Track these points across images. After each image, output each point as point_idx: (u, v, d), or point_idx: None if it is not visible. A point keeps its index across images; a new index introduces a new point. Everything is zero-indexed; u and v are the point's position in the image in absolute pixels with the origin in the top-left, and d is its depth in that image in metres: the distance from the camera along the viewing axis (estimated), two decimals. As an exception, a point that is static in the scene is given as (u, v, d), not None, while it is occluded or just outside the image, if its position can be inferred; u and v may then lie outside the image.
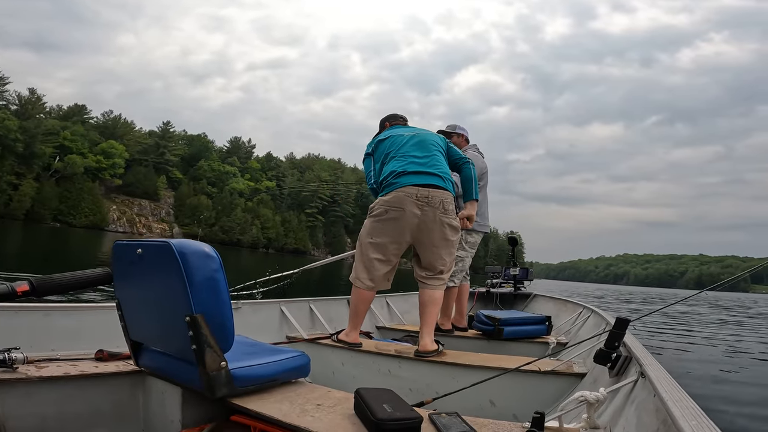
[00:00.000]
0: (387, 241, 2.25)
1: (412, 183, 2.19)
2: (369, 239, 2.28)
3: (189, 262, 1.17)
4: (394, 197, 2.19)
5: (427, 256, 2.27)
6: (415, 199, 2.16)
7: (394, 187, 2.20)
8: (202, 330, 1.17)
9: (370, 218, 2.28)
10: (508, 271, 5.08)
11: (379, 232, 2.25)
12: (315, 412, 1.23)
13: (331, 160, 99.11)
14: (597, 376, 1.60)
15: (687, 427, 0.73)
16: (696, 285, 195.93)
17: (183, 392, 1.33)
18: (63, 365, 1.44)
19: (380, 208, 2.23)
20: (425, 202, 2.17)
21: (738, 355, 5.47)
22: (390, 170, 2.27)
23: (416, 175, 2.21)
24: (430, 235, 2.22)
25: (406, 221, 2.19)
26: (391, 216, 2.20)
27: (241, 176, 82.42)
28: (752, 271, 2.17)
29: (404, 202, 2.17)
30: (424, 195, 2.17)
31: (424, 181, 2.20)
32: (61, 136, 59.61)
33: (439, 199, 2.19)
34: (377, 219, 2.24)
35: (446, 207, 2.21)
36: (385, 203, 2.21)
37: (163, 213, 71.96)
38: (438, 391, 1.72)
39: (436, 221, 2.19)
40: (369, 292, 2.32)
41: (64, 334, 1.69)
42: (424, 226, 2.20)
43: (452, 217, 2.24)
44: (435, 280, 2.27)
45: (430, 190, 2.19)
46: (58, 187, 58.19)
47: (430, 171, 2.23)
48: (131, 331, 1.44)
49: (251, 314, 2.50)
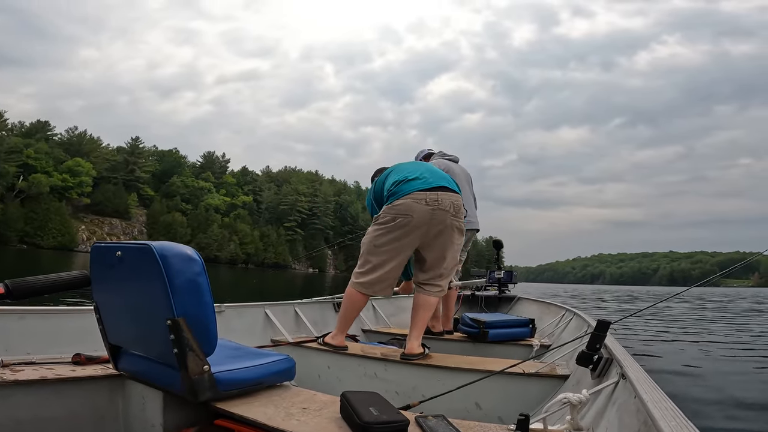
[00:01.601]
0: (392, 248, 2.17)
1: (420, 188, 2.13)
2: (373, 245, 2.20)
3: (170, 264, 1.15)
4: (402, 204, 2.11)
5: (431, 258, 2.22)
6: (425, 204, 2.10)
7: (400, 194, 2.14)
8: (184, 333, 1.16)
9: (376, 225, 2.20)
10: (493, 274, 5.14)
11: (385, 239, 2.16)
12: (301, 416, 1.21)
13: (309, 173, 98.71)
14: (579, 377, 1.62)
15: (666, 427, 0.75)
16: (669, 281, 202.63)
17: (164, 396, 1.30)
18: (39, 369, 1.40)
19: (387, 215, 2.15)
20: (436, 206, 2.10)
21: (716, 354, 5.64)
22: (393, 180, 2.21)
23: (423, 180, 2.16)
24: (439, 237, 2.16)
25: (415, 227, 2.11)
26: (399, 223, 2.12)
27: (216, 192, 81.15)
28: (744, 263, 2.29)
29: (413, 209, 2.10)
30: (433, 198, 2.11)
31: (433, 184, 2.15)
32: (24, 154, 57.56)
33: (449, 201, 2.14)
34: (383, 226, 2.16)
35: (457, 210, 2.16)
36: (393, 209, 2.13)
37: (135, 231, 69.98)
38: (424, 394, 1.72)
39: (446, 224, 2.14)
40: (364, 297, 2.26)
41: (40, 338, 1.64)
42: (434, 230, 2.14)
43: (461, 220, 2.20)
44: (433, 286, 2.24)
45: (440, 193, 2.13)
46: (23, 207, 55.98)
47: (438, 176, 2.21)
48: (110, 334, 1.41)
49: (235, 317, 2.46)
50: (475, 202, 3.42)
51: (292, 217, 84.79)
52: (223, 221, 75.41)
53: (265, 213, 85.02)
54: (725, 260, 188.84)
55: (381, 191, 2.31)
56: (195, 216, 72.59)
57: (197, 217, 72.40)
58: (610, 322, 1.37)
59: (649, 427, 0.81)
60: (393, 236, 2.14)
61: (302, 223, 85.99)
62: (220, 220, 74.92)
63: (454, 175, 3.18)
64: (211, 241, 70.30)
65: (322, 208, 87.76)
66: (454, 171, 3.20)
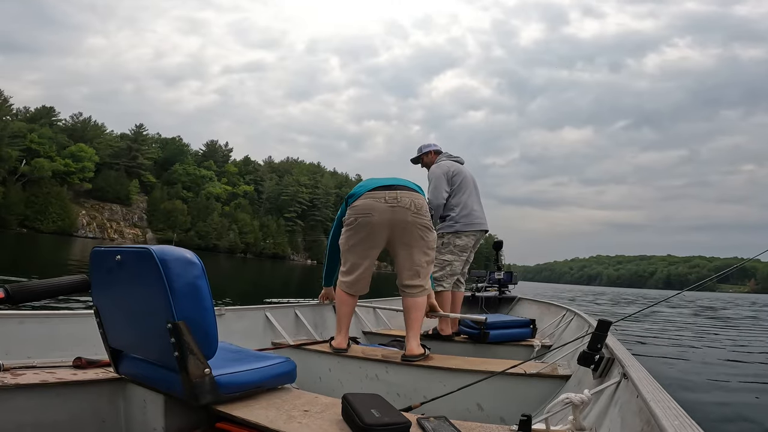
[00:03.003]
0: (362, 249, 2.26)
1: (377, 185, 2.20)
2: (347, 247, 2.30)
3: (170, 268, 1.15)
4: (361, 203, 2.19)
5: (402, 257, 2.26)
6: (383, 201, 2.15)
7: (358, 195, 2.21)
8: (185, 337, 1.15)
9: (344, 227, 2.30)
10: (493, 275, 5.14)
11: (353, 240, 2.26)
12: (302, 418, 1.21)
13: (310, 164, 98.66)
14: (581, 377, 1.62)
15: (670, 426, 0.74)
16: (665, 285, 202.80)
17: (165, 400, 1.30)
18: (40, 373, 1.39)
19: (350, 217, 2.23)
20: (395, 204, 2.15)
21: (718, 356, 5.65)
22: (356, 187, 2.30)
23: (380, 180, 2.24)
24: (404, 234, 2.20)
25: (377, 225, 2.18)
26: (361, 223, 2.20)
27: (217, 180, 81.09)
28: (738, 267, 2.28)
29: (372, 207, 2.16)
30: (392, 196, 2.16)
31: (391, 182, 2.22)
32: (28, 138, 57.55)
33: (409, 199, 2.17)
34: (349, 228, 2.26)
35: (418, 207, 2.18)
36: (353, 210, 2.22)
37: (135, 218, 70.08)
38: (426, 396, 1.72)
39: (408, 221, 2.17)
40: (351, 297, 2.34)
41: (40, 342, 1.64)
42: (396, 227, 2.18)
43: (425, 217, 2.21)
44: (414, 288, 2.27)
45: (399, 191, 2.17)
46: (24, 191, 56.03)
47: (395, 179, 2.26)
48: (111, 338, 1.40)
49: (235, 321, 2.46)
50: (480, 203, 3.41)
51: (293, 208, 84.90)
52: (224, 210, 75.51)
53: (265, 203, 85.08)
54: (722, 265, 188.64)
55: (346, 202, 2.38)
56: (196, 204, 72.61)
57: (198, 205, 72.43)
58: (611, 321, 1.37)
59: (652, 427, 0.80)
60: (359, 237, 2.23)
61: (302, 214, 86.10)
62: (221, 209, 75.01)
63: (462, 178, 3.19)
64: (211, 229, 70.42)
65: (322, 199, 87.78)
66: (462, 173, 3.20)
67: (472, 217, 3.14)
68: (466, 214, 3.12)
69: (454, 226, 3.12)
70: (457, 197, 3.15)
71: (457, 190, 3.16)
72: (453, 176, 3.16)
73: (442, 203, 3.13)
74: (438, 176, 3.14)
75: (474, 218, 3.15)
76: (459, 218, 3.12)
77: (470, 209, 3.14)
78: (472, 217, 3.14)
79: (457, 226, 3.12)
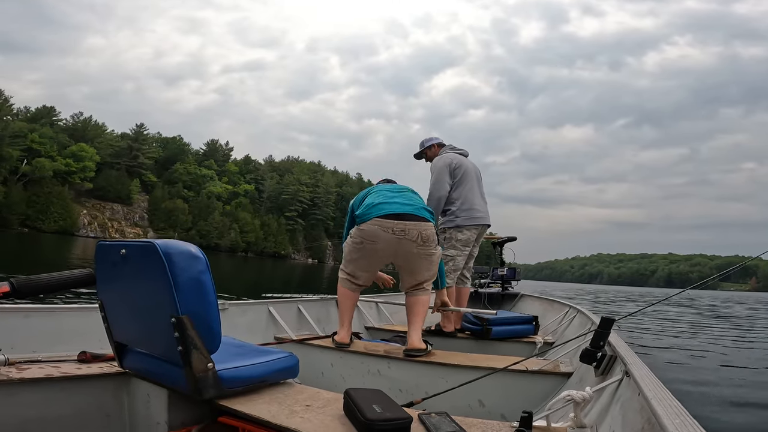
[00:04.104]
0: (364, 264, 2.34)
1: (386, 213, 2.17)
2: (349, 257, 2.34)
3: (174, 262, 1.15)
4: (369, 230, 2.19)
5: (406, 273, 2.32)
6: (391, 233, 2.16)
7: (367, 218, 2.20)
8: (188, 331, 1.16)
9: (350, 240, 2.31)
10: (496, 272, 5.14)
11: (357, 255, 2.30)
12: (304, 413, 1.21)
13: (311, 163, 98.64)
14: (583, 375, 1.62)
15: (671, 425, 0.74)
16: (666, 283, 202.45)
17: (169, 394, 1.30)
18: (45, 367, 1.40)
19: (357, 237, 2.25)
20: (402, 236, 2.16)
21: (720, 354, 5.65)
22: (367, 203, 2.28)
23: (390, 205, 2.20)
24: (407, 261, 2.26)
25: (381, 250, 2.23)
26: (366, 246, 2.23)
27: (218, 179, 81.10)
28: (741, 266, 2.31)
29: (378, 236, 2.17)
30: (400, 228, 2.15)
31: (400, 210, 2.18)
32: (29, 138, 57.56)
33: (416, 231, 2.17)
34: (355, 245, 2.28)
35: (425, 239, 2.19)
36: (360, 233, 2.23)
37: (136, 217, 70.13)
38: (427, 391, 1.72)
39: (412, 252, 2.20)
40: (351, 291, 2.38)
41: (45, 336, 1.65)
42: (399, 255, 2.23)
43: (431, 247, 2.24)
44: (419, 290, 2.32)
45: (407, 223, 2.16)
46: (25, 191, 56.07)
47: (405, 202, 2.24)
48: (115, 332, 1.41)
49: (238, 315, 2.47)
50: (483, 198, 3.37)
51: (294, 207, 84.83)
52: (225, 209, 75.49)
53: (266, 202, 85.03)
54: (724, 264, 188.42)
55: (355, 209, 2.37)
56: (197, 203, 72.62)
57: (199, 204, 72.44)
58: (614, 319, 1.38)
59: (653, 425, 0.80)
60: (362, 254, 2.29)
61: (303, 213, 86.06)
62: (222, 208, 74.98)
63: (464, 171, 3.16)
64: (212, 228, 70.43)
65: (323, 198, 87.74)
66: (465, 166, 3.18)
67: (473, 211, 3.12)
68: (467, 208, 3.10)
69: (455, 221, 3.11)
70: (458, 190, 3.13)
71: (458, 183, 3.13)
72: (455, 169, 3.13)
73: (444, 195, 3.11)
74: (440, 168, 3.12)
75: (475, 212, 3.12)
76: (460, 212, 3.10)
77: (471, 203, 3.12)
78: (473, 211, 3.11)
79: (458, 220, 3.10)
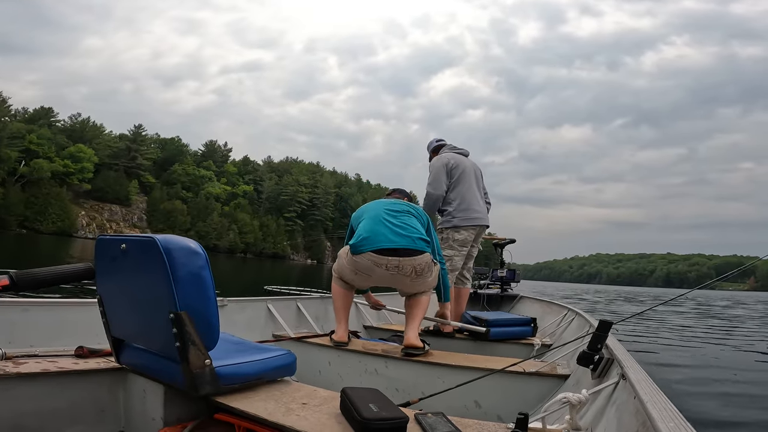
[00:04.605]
0: (360, 282, 2.38)
1: (380, 248, 2.15)
2: (344, 270, 2.33)
3: (174, 258, 1.15)
4: (363, 264, 2.20)
5: (402, 291, 2.38)
6: (385, 269, 2.17)
7: (362, 251, 2.19)
8: (186, 327, 1.16)
9: (346, 263, 2.29)
10: (496, 273, 5.14)
11: (352, 276, 2.32)
12: (300, 411, 1.21)
13: (310, 164, 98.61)
14: (579, 377, 1.62)
15: (665, 428, 0.75)
16: (665, 283, 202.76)
17: (165, 390, 1.30)
18: (42, 362, 1.40)
19: (351, 265, 2.26)
20: (395, 272, 2.18)
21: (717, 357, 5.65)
22: (361, 233, 2.24)
23: (385, 237, 2.18)
24: (404, 286, 2.30)
25: (376, 280, 2.28)
26: (361, 276, 2.27)
27: (217, 180, 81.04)
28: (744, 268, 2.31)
29: (373, 270, 2.20)
30: (394, 265, 2.16)
31: (393, 245, 2.16)
32: (26, 139, 57.42)
33: (410, 266, 2.18)
34: (350, 270, 2.28)
35: (419, 272, 2.21)
36: (355, 265, 2.24)
37: (135, 218, 70.02)
38: (424, 392, 1.72)
39: (406, 283, 2.25)
40: (345, 289, 2.39)
41: (43, 331, 1.65)
42: (396, 283, 2.28)
43: (427, 276, 2.25)
44: (419, 293, 2.35)
45: (401, 259, 2.15)
46: (23, 192, 55.95)
47: (400, 232, 2.21)
48: (113, 327, 1.41)
49: (237, 312, 2.47)
50: (486, 196, 3.37)
51: (292, 208, 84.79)
52: (223, 210, 75.44)
53: (265, 203, 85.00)
54: (722, 263, 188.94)
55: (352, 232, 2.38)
56: (195, 204, 72.54)
57: (197, 205, 72.36)
58: (611, 322, 1.37)
59: (648, 428, 0.81)
60: (357, 278, 2.31)
61: (302, 214, 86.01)
62: (220, 209, 74.93)
63: (462, 170, 3.16)
64: (211, 229, 70.34)
65: (322, 199, 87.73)
66: (463, 165, 3.18)
67: (471, 211, 3.11)
68: (464, 208, 3.10)
69: (452, 221, 3.11)
70: (455, 191, 3.13)
71: (455, 183, 3.13)
72: (452, 168, 3.13)
73: (441, 195, 3.10)
74: (437, 168, 3.12)
75: (472, 213, 3.12)
76: (456, 212, 3.10)
77: (468, 203, 3.12)
78: (470, 211, 3.11)
79: (455, 220, 3.10)
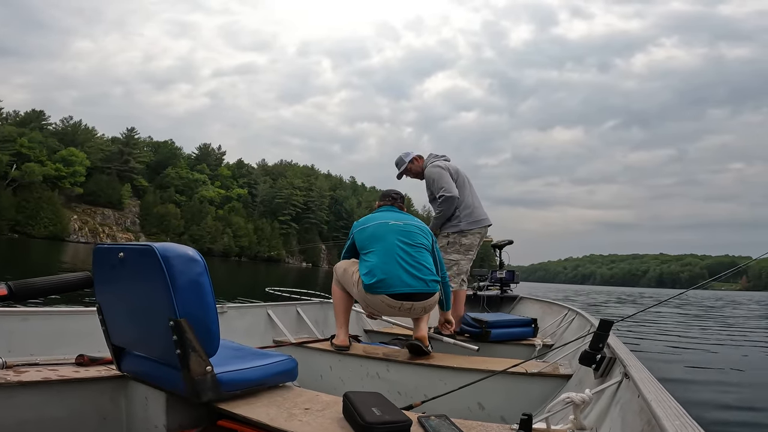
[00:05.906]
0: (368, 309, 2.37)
1: (395, 293, 2.15)
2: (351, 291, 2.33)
3: (173, 265, 1.15)
4: (376, 304, 2.22)
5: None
6: (397, 310, 2.22)
7: (377, 291, 2.16)
8: (187, 334, 1.16)
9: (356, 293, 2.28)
10: (495, 274, 5.15)
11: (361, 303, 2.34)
12: (303, 416, 1.21)
13: (304, 167, 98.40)
14: (582, 377, 1.63)
15: (670, 426, 0.74)
16: (658, 283, 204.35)
17: (167, 397, 1.30)
18: (43, 370, 1.39)
19: (362, 301, 2.29)
20: (407, 313, 2.25)
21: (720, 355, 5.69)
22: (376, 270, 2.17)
23: (400, 281, 2.15)
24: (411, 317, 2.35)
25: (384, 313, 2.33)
26: (370, 308, 2.31)
27: (211, 184, 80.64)
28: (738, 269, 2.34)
29: (383, 310, 2.25)
30: (407, 308, 2.20)
31: (409, 290, 2.16)
32: (18, 143, 56.84)
33: (421, 308, 2.23)
34: (360, 299, 2.30)
35: (428, 309, 2.28)
36: (367, 301, 2.25)
37: (128, 222, 69.49)
38: (427, 394, 1.73)
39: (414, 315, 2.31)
40: (344, 292, 2.39)
41: (43, 339, 1.64)
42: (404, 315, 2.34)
43: (433, 308, 2.32)
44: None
45: (414, 303, 2.19)
46: (15, 196, 55.37)
47: (416, 274, 2.18)
48: (113, 335, 1.40)
49: (237, 318, 2.47)
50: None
51: (287, 211, 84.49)
52: (218, 213, 75.05)
53: (259, 206, 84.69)
54: (714, 264, 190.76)
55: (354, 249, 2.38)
56: (189, 208, 72.11)
57: (191, 209, 71.93)
58: (612, 321, 1.38)
59: (653, 427, 0.80)
60: (367, 307, 2.34)
61: (297, 217, 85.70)
62: (215, 213, 74.55)
63: (460, 175, 3.19)
64: (205, 233, 69.93)
65: (317, 202, 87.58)
66: (458, 170, 3.21)
67: (475, 215, 3.14)
68: (468, 212, 3.12)
69: (459, 225, 3.12)
70: (459, 195, 3.12)
71: (458, 187, 3.14)
72: (453, 173, 3.15)
73: (457, 195, 3.09)
74: (442, 173, 3.12)
75: (476, 215, 3.15)
76: (462, 217, 3.12)
77: (472, 207, 3.15)
78: (474, 215, 3.14)
79: (462, 225, 3.11)
